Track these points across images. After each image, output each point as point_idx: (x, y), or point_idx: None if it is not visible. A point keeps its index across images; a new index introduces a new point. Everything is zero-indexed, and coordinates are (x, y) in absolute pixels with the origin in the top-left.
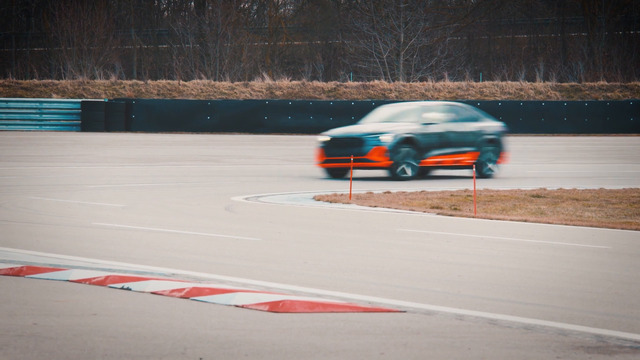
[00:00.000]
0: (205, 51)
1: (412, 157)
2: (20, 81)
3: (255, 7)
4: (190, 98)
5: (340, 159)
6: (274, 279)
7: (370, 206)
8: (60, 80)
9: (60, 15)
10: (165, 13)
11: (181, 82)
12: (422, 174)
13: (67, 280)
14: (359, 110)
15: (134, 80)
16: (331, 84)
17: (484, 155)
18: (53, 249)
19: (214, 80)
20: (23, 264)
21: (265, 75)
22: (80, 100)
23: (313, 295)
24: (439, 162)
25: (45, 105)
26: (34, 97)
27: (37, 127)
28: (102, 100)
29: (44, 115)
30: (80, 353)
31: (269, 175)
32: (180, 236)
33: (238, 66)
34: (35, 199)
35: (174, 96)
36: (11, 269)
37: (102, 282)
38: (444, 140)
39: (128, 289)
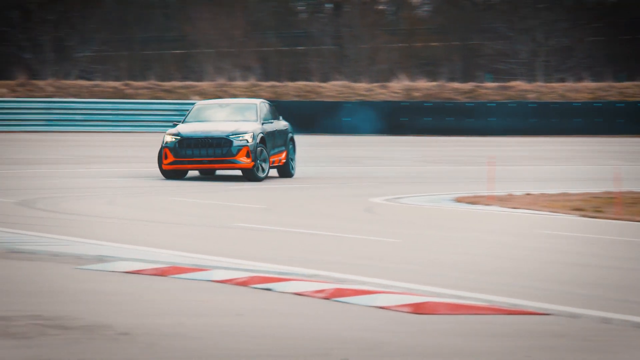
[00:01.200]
0: (342, 52)
1: (264, 157)
2: (161, 83)
3: (391, 9)
4: (327, 99)
5: (200, 160)
6: (415, 281)
7: (511, 208)
8: (200, 83)
9: (199, 18)
10: (303, 15)
11: (318, 83)
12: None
13: (211, 281)
14: (499, 111)
15: (272, 82)
16: (469, 85)
17: (290, 154)
18: (196, 249)
19: (351, 81)
20: (168, 264)
21: (402, 76)
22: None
23: (454, 297)
24: (273, 162)
25: (185, 107)
26: (174, 99)
27: None
28: None
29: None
30: (224, 353)
31: (408, 176)
32: (320, 237)
33: (375, 67)
34: (176, 200)
35: (312, 97)
36: (157, 269)
37: (245, 283)
38: (274, 139)
39: (270, 289)
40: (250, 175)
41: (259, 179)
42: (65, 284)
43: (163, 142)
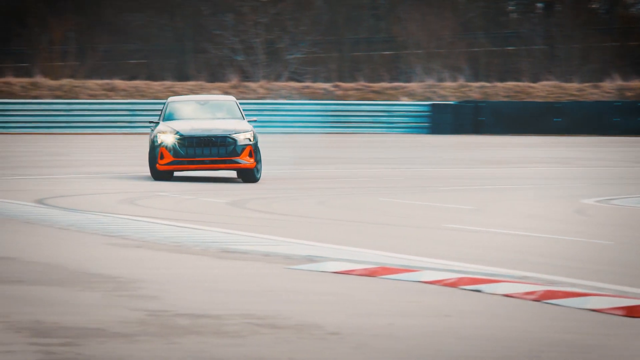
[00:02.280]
0: (553, 52)
1: (259, 157)
2: (370, 84)
3: (604, 7)
4: (538, 100)
5: (202, 160)
6: (628, 284)
7: None
8: (409, 84)
9: (409, 19)
10: (514, 15)
11: (528, 83)
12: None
13: (420, 282)
14: None
15: (482, 83)
16: None
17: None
18: (404, 250)
19: (562, 81)
20: (377, 264)
21: (615, 76)
22: (428, 102)
23: None
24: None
25: (394, 108)
26: (383, 100)
27: (387, 129)
28: (450, 102)
29: (393, 118)
30: (433, 354)
31: (622, 177)
32: (529, 239)
33: (587, 67)
34: (384, 200)
35: (522, 98)
36: (366, 269)
37: (453, 284)
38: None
39: (480, 291)
40: (249, 176)
41: (257, 180)
42: (276, 283)
43: (156, 141)
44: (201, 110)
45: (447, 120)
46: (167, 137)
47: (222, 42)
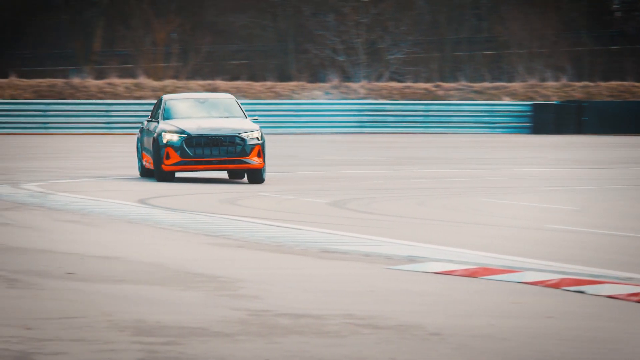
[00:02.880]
0: None
1: (264, 157)
2: (472, 84)
3: None
4: None
5: (210, 161)
6: None
7: None
8: (511, 83)
9: (511, 18)
10: (618, 14)
11: (633, 83)
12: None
13: (521, 282)
14: None
15: (585, 82)
16: None
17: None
18: (505, 250)
19: None
20: (477, 265)
21: None
22: (530, 102)
23: None
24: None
25: (496, 108)
26: (485, 100)
27: (488, 129)
28: (553, 102)
29: (494, 118)
30: (535, 355)
31: None
32: (633, 239)
33: None
34: (486, 200)
35: (626, 97)
36: (466, 270)
37: (556, 285)
38: None
39: (582, 292)
40: (257, 177)
41: (263, 181)
42: (377, 283)
43: (161, 141)
44: (201, 109)
45: (550, 120)
46: (174, 137)
47: (324, 42)
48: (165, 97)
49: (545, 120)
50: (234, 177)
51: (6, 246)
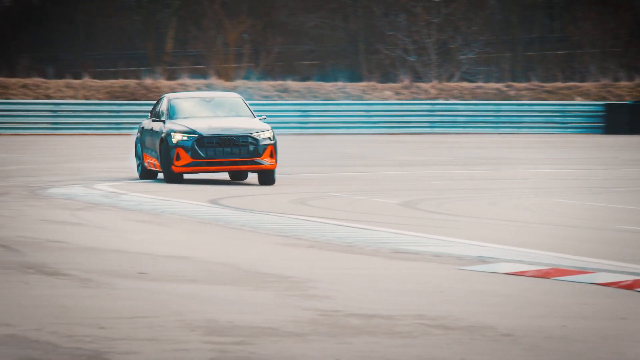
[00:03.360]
0: None
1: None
2: (543, 84)
3: None
4: None
5: (222, 162)
6: None
7: None
8: (583, 83)
9: (584, 18)
10: None
11: None
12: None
13: (593, 283)
14: None
15: None
16: None
17: None
18: (577, 251)
19: None
20: (549, 266)
21: None
22: (603, 102)
23: None
24: None
25: (568, 108)
26: (557, 100)
27: (560, 130)
28: (626, 102)
29: (567, 118)
30: (609, 357)
31: None
32: None
33: None
34: (558, 201)
35: None
36: (538, 270)
37: (629, 286)
38: None
39: None
40: (268, 178)
41: (274, 182)
42: (448, 284)
43: (170, 141)
44: (207, 108)
45: (623, 120)
46: (184, 137)
47: (395, 42)
48: (169, 95)
49: (618, 120)
50: (236, 178)
51: (79, 246)
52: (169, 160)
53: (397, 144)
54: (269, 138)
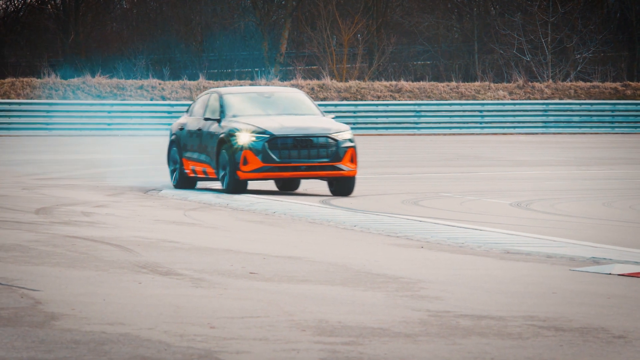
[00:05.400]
0: None
1: None
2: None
3: None
4: None
5: (297, 167)
6: None
7: None
8: None
9: None
10: None
11: None
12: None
13: None
14: None
15: None
16: None
17: None
18: None
19: None
20: None
21: None
22: None
23: None
24: None
25: None
26: None
27: None
28: None
29: None
30: None
31: None
32: None
33: None
34: None
35: None
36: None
37: None
38: None
39: None
40: (348, 187)
41: (352, 192)
42: (560, 285)
43: (234, 143)
44: (268, 105)
45: None
46: (252, 138)
47: (509, 42)
48: (220, 90)
49: None
50: (286, 188)
51: (192, 246)
52: (234, 165)
53: (511, 144)
54: (349, 139)
